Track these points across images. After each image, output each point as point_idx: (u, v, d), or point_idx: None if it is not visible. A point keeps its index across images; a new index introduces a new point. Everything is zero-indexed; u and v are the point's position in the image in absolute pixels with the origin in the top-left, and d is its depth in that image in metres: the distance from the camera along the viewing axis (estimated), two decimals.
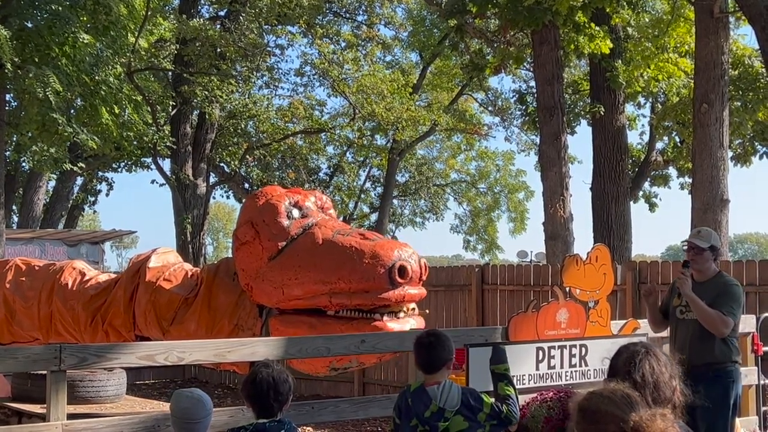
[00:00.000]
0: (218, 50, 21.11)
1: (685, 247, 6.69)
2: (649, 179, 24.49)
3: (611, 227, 17.30)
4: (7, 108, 19.16)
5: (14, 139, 18.72)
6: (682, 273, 6.49)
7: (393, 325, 6.98)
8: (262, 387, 4.10)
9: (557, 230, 15.29)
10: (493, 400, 4.91)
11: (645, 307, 11.32)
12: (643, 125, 24.61)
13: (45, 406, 5.59)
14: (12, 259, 9.66)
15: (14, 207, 26.56)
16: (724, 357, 6.43)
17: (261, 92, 25.64)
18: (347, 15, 27.02)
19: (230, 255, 8.17)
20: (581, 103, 22.15)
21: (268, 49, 23.95)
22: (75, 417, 6.13)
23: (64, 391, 5.49)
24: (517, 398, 5.08)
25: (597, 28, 15.67)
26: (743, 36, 20.57)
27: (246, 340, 6.59)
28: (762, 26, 11.64)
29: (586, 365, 7.04)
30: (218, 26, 22.00)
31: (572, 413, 2.70)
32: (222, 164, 25.30)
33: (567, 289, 7.34)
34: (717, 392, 6.22)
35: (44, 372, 5.62)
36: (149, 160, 24.43)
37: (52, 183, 26.42)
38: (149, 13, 18.58)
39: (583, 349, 6.98)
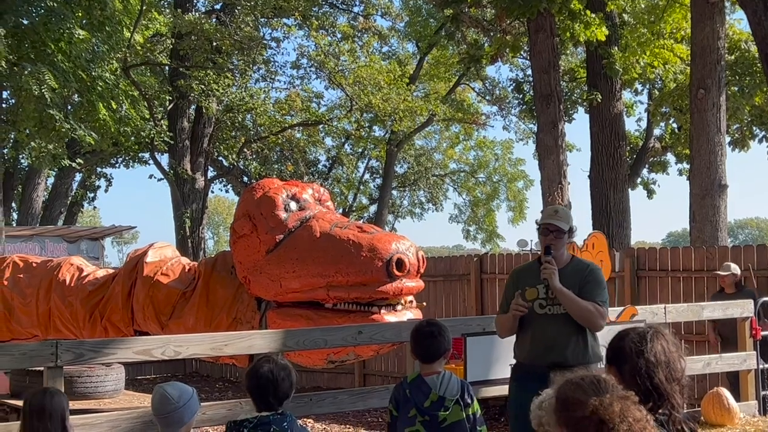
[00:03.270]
0: (214, 44, 21.08)
1: (540, 229, 5.64)
2: (647, 166, 24.48)
3: (610, 214, 17.27)
4: (4, 105, 19.19)
5: (12, 136, 18.70)
6: (548, 262, 5.45)
7: (390, 317, 6.98)
8: (261, 383, 4.08)
9: None
10: (478, 409, 4.86)
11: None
12: (640, 112, 24.63)
13: None
14: (9, 256, 9.62)
15: (13, 204, 26.51)
16: (597, 355, 5.49)
17: (258, 85, 25.58)
18: (343, 6, 26.93)
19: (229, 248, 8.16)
20: (578, 90, 22.09)
21: (264, 41, 23.88)
22: (73, 413, 6.12)
23: (61, 387, 5.49)
24: None
25: (592, 15, 15.62)
26: (739, 21, 20.49)
27: (243, 333, 6.58)
28: (753, 9, 11.59)
29: None
30: (214, 20, 21.97)
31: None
32: (220, 158, 25.29)
33: None
34: None
35: (42, 368, 5.62)
36: (147, 155, 24.44)
37: (51, 180, 26.40)
38: (144, 7, 18.56)
39: None
